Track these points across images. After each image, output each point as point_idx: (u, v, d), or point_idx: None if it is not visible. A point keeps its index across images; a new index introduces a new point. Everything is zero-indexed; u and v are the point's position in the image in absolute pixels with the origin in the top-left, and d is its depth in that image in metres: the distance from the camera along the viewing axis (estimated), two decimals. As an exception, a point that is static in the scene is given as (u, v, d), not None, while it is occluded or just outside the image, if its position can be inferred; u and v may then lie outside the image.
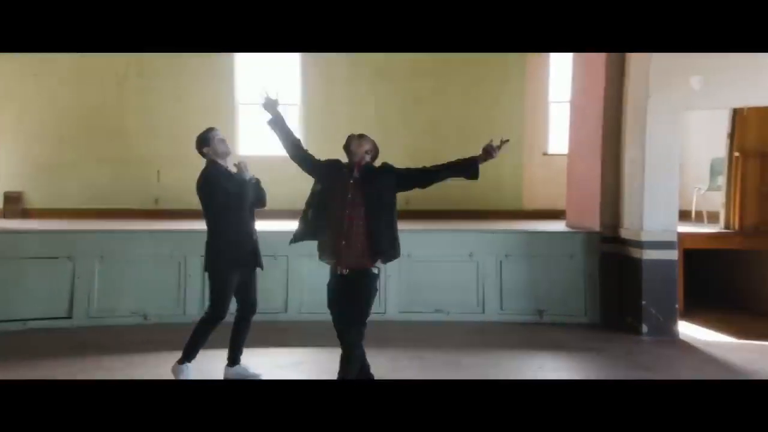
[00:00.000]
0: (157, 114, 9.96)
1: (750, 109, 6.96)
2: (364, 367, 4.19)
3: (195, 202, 4.86)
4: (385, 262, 4.08)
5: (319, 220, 4.09)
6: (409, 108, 10.02)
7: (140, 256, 6.86)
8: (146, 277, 6.81)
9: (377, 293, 4.15)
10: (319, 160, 4.24)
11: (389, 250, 4.04)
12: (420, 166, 4.34)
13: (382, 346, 5.18)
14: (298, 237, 4.16)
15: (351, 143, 4.17)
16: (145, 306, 6.80)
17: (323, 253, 4.11)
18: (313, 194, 4.17)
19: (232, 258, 4.64)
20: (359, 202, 4.00)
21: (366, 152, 4.17)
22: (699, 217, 8.03)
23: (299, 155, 4.26)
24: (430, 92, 10.01)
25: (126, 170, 9.84)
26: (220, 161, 4.74)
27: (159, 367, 5.20)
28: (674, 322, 6.37)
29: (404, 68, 9.75)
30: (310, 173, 4.25)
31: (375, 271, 4.04)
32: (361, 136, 4.22)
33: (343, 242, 3.97)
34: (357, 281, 4.00)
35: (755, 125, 7.15)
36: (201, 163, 4.83)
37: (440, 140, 9.96)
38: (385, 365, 5.05)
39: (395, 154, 10.76)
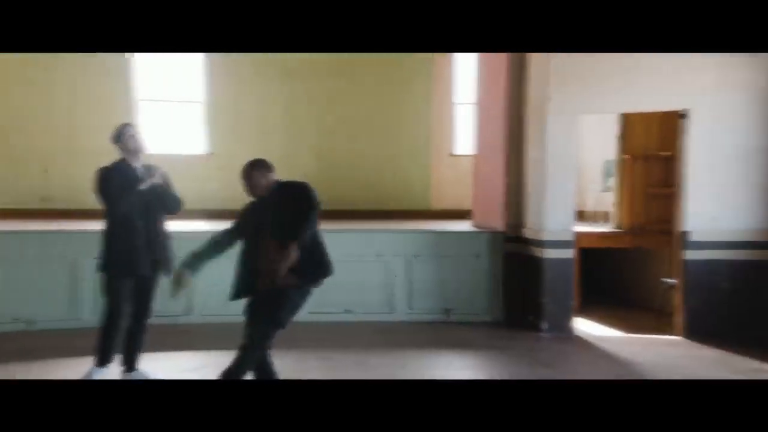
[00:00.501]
0: (45, 108, 9.35)
1: (635, 113, 7.34)
2: (269, 372, 4.09)
3: (89, 201, 4.60)
4: (304, 285, 3.95)
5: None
6: (319, 108, 9.92)
7: (23, 258, 6.40)
8: (32, 280, 6.35)
9: (296, 307, 3.99)
10: (238, 220, 4.10)
11: (304, 275, 3.90)
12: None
13: (289, 347, 5.09)
14: (234, 296, 4.01)
15: (246, 189, 4.00)
16: (31, 311, 6.35)
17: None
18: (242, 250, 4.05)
19: (119, 261, 4.45)
20: (268, 228, 3.88)
21: (260, 180, 3.95)
22: (594, 217, 8.42)
23: (231, 240, 4.08)
24: (340, 92, 9.95)
25: (8, 168, 9.17)
26: (130, 159, 4.53)
27: (47, 375, 4.89)
28: (570, 319, 6.64)
29: (314, 68, 9.65)
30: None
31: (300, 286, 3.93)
32: (243, 173, 3.98)
33: (258, 271, 3.89)
34: (277, 289, 3.90)
35: (641, 129, 7.56)
36: (96, 160, 4.61)
37: (350, 140, 9.96)
38: (292, 366, 4.97)
39: (304, 155, 10.66)
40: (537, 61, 6.70)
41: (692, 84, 6.27)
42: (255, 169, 3.97)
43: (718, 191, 6.31)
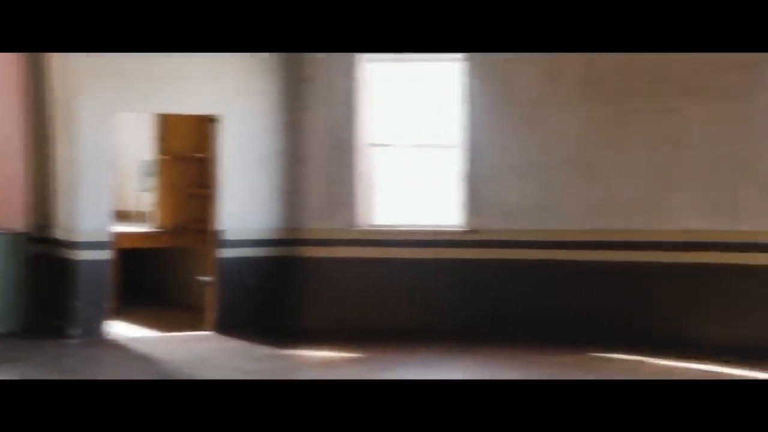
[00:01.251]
0: None
1: (173, 115, 7.48)
2: None
3: None
4: None
5: None
6: None
7: None
8: None
9: None
10: None
11: None
12: None
13: None
14: None
15: None
16: None
17: None
18: None
19: None
20: None
21: None
22: (135, 217, 8.32)
23: None
24: None
25: None
26: None
27: None
28: (105, 322, 6.50)
29: None
30: None
31: None
32: None
33: None
34: None
35: (179, 131, 7.72)
36: None
37: None
38: None
39: None
40: (58, 58, 6.37)
41: (222, 91, 6.73)
42: None
43: (247, 192, 6.88)
